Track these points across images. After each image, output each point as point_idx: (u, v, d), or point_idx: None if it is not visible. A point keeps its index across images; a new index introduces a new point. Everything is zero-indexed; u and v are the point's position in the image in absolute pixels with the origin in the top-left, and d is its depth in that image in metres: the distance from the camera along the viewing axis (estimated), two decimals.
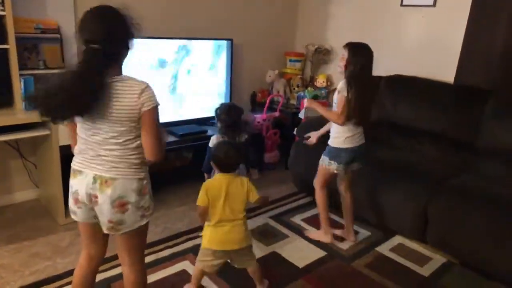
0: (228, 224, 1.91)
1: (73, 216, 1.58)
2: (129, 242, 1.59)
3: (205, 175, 2.68)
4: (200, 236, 2.04)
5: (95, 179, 1.46)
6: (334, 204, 2.67)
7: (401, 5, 3.39)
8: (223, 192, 1.90)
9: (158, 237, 2.54)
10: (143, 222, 1.55)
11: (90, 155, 1.49)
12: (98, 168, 1.47)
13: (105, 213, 1.48)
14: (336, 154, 2.36)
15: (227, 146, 2.01)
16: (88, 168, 1.48)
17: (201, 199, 1.91)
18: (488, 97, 2.82)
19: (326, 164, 2.40)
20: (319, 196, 2.50)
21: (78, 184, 1.49)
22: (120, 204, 1.47)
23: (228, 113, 2.66)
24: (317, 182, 2.49)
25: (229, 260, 2.02)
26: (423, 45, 3.31)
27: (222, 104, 2.81)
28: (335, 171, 2.39)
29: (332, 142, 2.39)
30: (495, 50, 2.92)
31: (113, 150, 1.46)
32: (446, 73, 3.14)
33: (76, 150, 1.55)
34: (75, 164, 1.52)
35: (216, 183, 1.94)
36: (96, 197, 1.46)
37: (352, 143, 2.34)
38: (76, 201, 1.51)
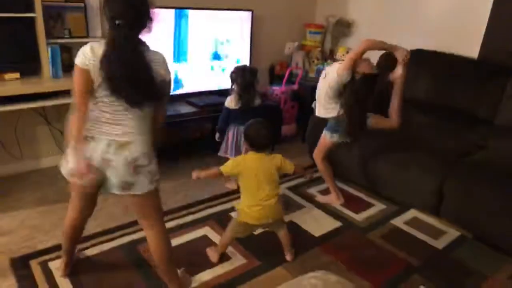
0: (263, 203, 1.95)
1: (71, 179, 1.63)
2: (143, 205, 1.68)
3: (217, 134, 2.83)
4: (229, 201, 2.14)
5: (109, 144, 1.52)
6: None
7: None
8: (257, 172, 1.93)
9: (180, 203, 2.64)
10: (152, 187, 1.63)
11: (107, 121, 1.54)
12: (113, 133, 1.53)
13: (120, 174, 1.55)
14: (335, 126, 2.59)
15: (258, 125, 2.00)
16: (103, 134, 1.54)
17: (227, 170, 1.95)
18: (510, 74, 2.79)
19: (328, 137, 2.61)
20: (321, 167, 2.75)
21: (91, 150, 1.54)
22: (134, 167, 1.55)
23: (243, 76, 2.72)
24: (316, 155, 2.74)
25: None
26: (447, 18, 3.24)
27: (236, 67, 2.85)
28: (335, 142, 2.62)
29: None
30: None
31: (133, 119, 1.55)
32: (471, 48, 3.09)
33: (86, 118, 1.55)
34: (87, 131, 1.55)
35: (248, 163, 1.96)
36: (111, 161, 1.53)
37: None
38: (88, 166, 1.55)
